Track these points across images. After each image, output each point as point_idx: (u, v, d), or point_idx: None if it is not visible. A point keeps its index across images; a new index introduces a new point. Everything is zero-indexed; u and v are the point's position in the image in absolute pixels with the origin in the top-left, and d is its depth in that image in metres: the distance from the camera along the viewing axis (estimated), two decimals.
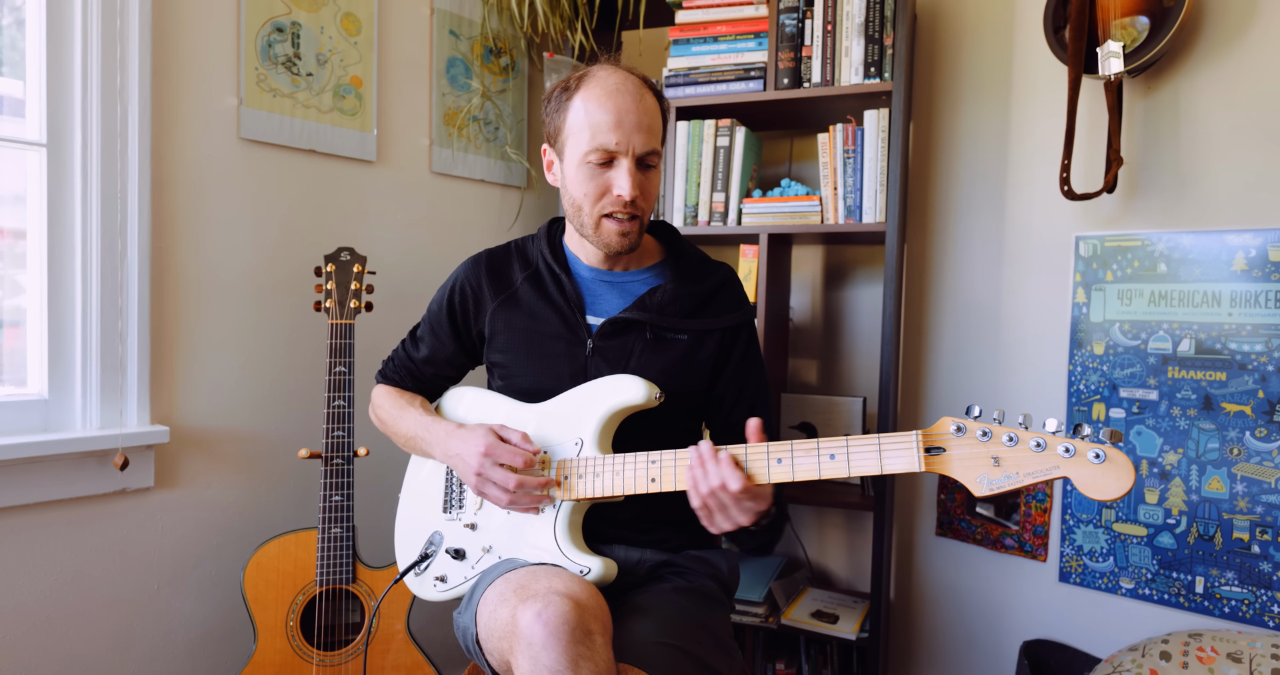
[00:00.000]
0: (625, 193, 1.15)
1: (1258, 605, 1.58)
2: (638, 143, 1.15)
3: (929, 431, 0.95)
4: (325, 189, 1.80)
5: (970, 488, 0.92)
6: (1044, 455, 0.89)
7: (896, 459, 0.95)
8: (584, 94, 1.16)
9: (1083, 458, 0.87)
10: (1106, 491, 0.86)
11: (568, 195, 1.22)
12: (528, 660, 0.93)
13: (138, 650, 1.54)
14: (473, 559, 1.22)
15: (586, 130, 1.15)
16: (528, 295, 1.28)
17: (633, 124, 1.14)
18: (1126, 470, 0.85)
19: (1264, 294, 1.57)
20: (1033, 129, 1.86)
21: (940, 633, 2.04)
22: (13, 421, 1.39)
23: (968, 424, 0.93)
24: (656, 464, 1.09)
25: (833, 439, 1.00)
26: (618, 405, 1.15)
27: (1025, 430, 0.91)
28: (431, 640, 1.96)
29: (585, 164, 1.16)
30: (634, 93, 1.16)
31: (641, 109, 1.16)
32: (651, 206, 1.22)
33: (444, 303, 1.35)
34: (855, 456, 0.98)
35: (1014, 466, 0.90)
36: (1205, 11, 1.63)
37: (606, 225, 1.19)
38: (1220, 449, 1.62)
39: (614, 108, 1.14)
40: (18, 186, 1.43)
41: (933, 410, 2.05)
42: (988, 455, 0.91)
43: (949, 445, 0.94)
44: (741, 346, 1.29)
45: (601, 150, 1.14)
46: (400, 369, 1.40)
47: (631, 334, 1.23)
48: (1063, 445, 0.88)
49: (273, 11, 1.68)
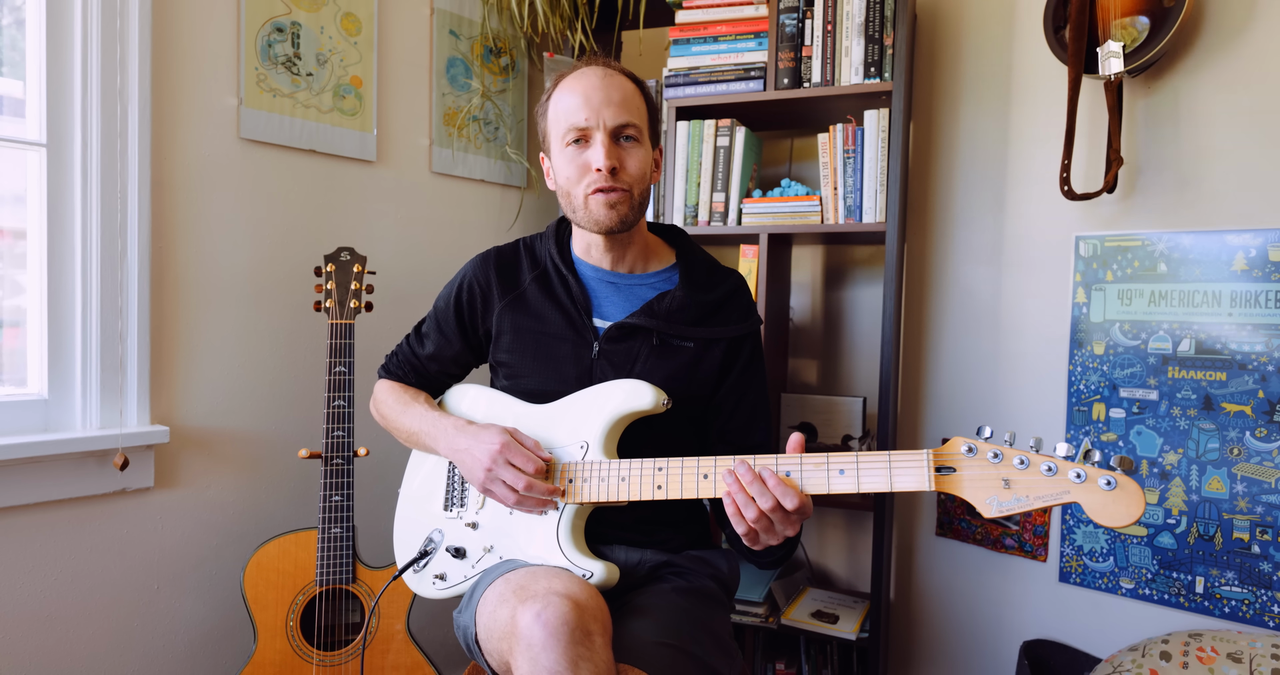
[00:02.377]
0: (600, 164, 1.16)
1: (1258, 605, 1.58)
2: (608, 116, 1.17)
3: (940, 451, 0.95)
4: (325, 189, 1.80)
5: (979, 508, 0.92)
6: (1055, 480, 0.90)
7: (907, 478, 0.96)
8: (557, 89, 1.22)
9: (1094, 484, 0.88)
10: (1116, 519, 0.87)
11: (560, 189, 1.23)
12: (527, 661, 0.93)
13: (138, 650, 1.54)
14: (473, 558, 1.22)
15: (561, 117, 1.20)
16: (535, 296, 1.28)
17: (600, 100, 1.17)
18: (1137, 498, 0.86)
19: (1264, 294, 1.57)
20: (1033, 129, 1.86)
21: (940, 633, 2.04)
22: (13, 421, 1.39)
23: (979, 445, 0.93)
24: (664, 471, 1.09)
25: (843, 454, 1.00)
26: (626, 410, 1.15)
27: (1037, 454, 0.91)
28: (431, 640, 1.96)
29: (566, 149, 1.20)
30: (599, 73, 1.20)
31: (609, 85, 1.19)
32: (640, 183, 1.22)
33: (451, 300, 1.34)
34: (865, 473, 0.98)
35: (1025, 490, 0.91)
36: (1205, 11, 1.63)
37: (593, 201, 1.19)
38: (1220, 449, 1.61)
39: (580, 88, 1.19)
40: (18, 186, 1.43)
41: (933, 410, 2.05)
42: (998, 477, 0.92)
43: (960, 466, 0.94)
44: (745, 356, 1.29)
45: (574, 129, 1.18)
46: (404, 364, 1.40)
47: (638, 339, 1.23)
48: (1074, 471, 0.89)
49: (273, 11, 1.68)
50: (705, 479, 1.07)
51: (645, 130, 1.23)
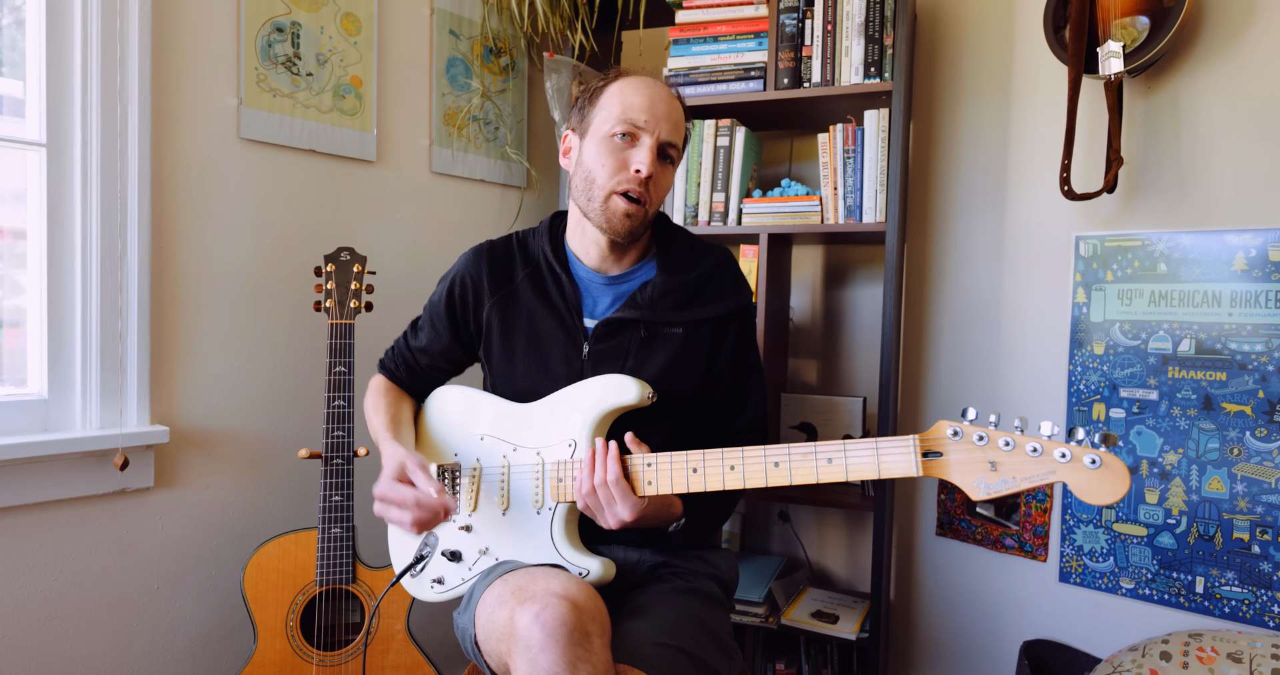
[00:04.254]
0: (643, 168, 1.18)
1: (1258, 605, 1.58)
2: (664, 129, 1.20)
3: (926, 436, 0.95)
4: (325, 189, 1.80)
5: (968, 492, 0.92)
6: (1040, 460, 0.90)
7: (894, 463, 0.95)
8: (622, 82, 1.24)
9: (1079, 463, 0.88)
10: (1102, 496, 0.87)
11: (582, 171, 1.23)
12: (526, 662, 0.93)
13: (138, 650, 1.54)
14: (469, 561, 1.22)
15: (618, 107, 1.20)
16: (527, 294, 1.28)
17: (663, 112, 1.20)
18: (1122, 475, 0.86)
19: (1264, 294, 1.57)
20: (1033, 129, 1.86)
21: (940, 633, 2.04)
22: (13, 421, 1.39)
23: (964, 428, 0.93)
24: (652, 467, 1.09)
25: (830, 442, 1.00)
26: (610, 406, 1.14)
27: (1022, 435, 0.91)
28: (431, 640, 1.96)
29: (609, 139, 1.20)
30: (666, 91, 1.25)
31: (672, 105, 1.23)
32: (657, 202, 1.24)
33: (444, 295, 1.35)
34: (853, 460, 0.98)
35: (1011, 471, 0.91)
36: (1205, 11, 1.62)
37: (615, 202, 1.19)
38: (1220, 449, 1.61)
39: (649, 94, 1.21)
40: (18, 186, 1.43)
41: (933, 410, 2.05)
42: (985, 460, 0.92)
43: (946, 449, 0.94)
44: (734, 333, 1.28)
45: (629, 124, 1.19)
46: (398, 357, 1.41)
47: (626, 333, 1.23)
48: (1059, 450, 0.89)
49: (273, 11, 1.68)
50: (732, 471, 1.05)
51: (679, 157, 1.26)
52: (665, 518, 1.16)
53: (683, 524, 1.19)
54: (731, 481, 1.04)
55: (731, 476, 1.04)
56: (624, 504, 1.07)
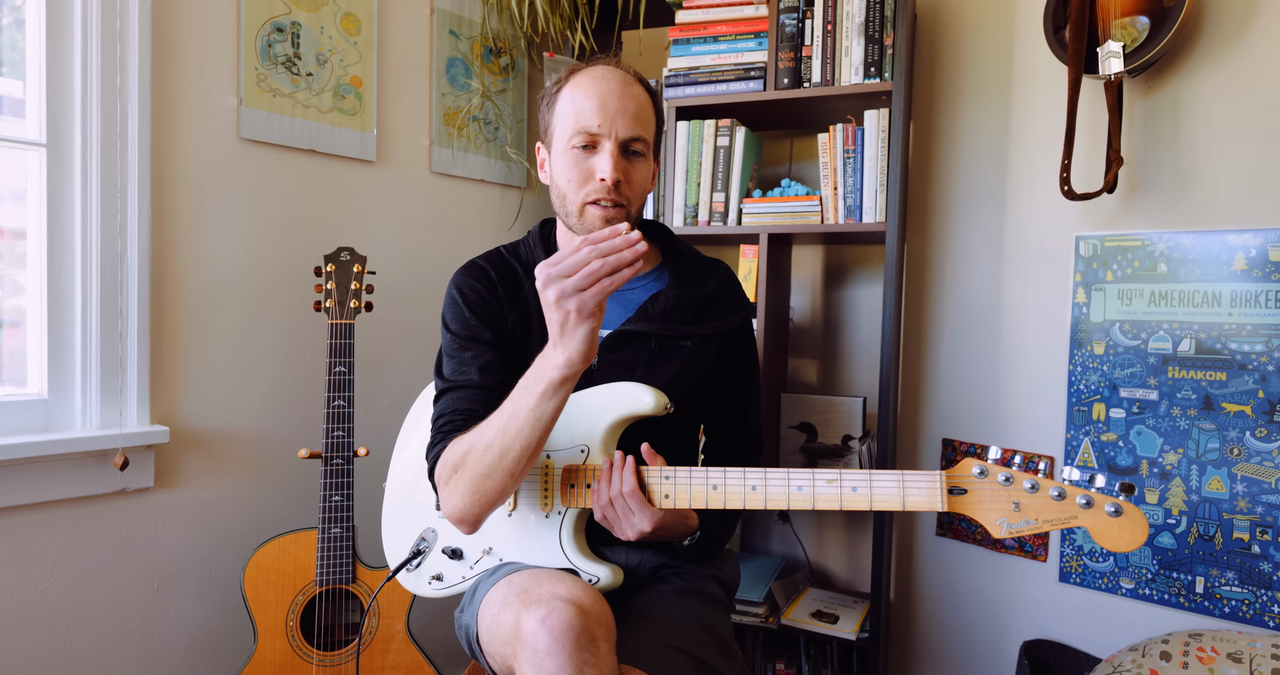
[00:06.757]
0: (606, 175, 1.13)
1: (1258, 605, 1.58)
2: (621, 127, 1.14)
3: (952, 472, 0.98)
4: (325, 189, 1.80)
5: (989, 529, 0.96)
6: (1063, 505, 0.93)
7: (919, 497, 0.98)
8: (571, 84, 1.17)
9: (1100, 510, 0.92)
10: (1121, 544, 0.91)
11: (554, 186, 1.20)
12: (532, 667, 0.92)
13: (138, 650, 1.54)
14: (471, 559, 1.22)
15: (571, 116, 1.15)
16: (536, 305, 1.23)
17: (616, 109, 1.14)
18: (1141, 525, 0.90)
19: (1264, 294, 1.57)
20: (1033, 129, 1.86)
21: (940, 633, 2.04)
22: (13, 421, 1.39)
23: (990, 468, 0.96)
24: (670, 480, 1.08)
25: (856, 472, 1.01)
26: (627, 414, 1.13)
27: (1047, 478, 0.95)
28: (431, 640, 1.96)
29: (570, 150, 1.15)
30: (619, 80, 1.16)
31: (627, 95, 1.15)
32: (639, 198, 1.20)
33: (465, 311, 1.22)
34: (879, 491, 0.99)
35: (1034, 513, 0.94)
36: (1205, 11, 1.63)
37: (590, 212, 1.15)
38: (1220, 449, 1.61)
39: (598, 93, 1.14)
40: (18, 186, 1.43)
41: (933, 410, 2.05)
42: (1009, 500, 0.95)
43: (971, 487, 0.97)
44: (739, 347, 1.29)
45: (584, 133, 1.14)
46: (459, 410, 1.16)
47: (636, 345, 1.22)
48: (1081, 497, 0.92)
49: (273, 11, 1.68)
50: (754, 491, 1.05)
51: (652, 144, 1.20)
52: (681, 530, 1.16)
53: (698, 537, 1.18)
54: (753, 501, 1.04)
55: (753, 496, 1.04)
56: (641, 515, 1.06)
